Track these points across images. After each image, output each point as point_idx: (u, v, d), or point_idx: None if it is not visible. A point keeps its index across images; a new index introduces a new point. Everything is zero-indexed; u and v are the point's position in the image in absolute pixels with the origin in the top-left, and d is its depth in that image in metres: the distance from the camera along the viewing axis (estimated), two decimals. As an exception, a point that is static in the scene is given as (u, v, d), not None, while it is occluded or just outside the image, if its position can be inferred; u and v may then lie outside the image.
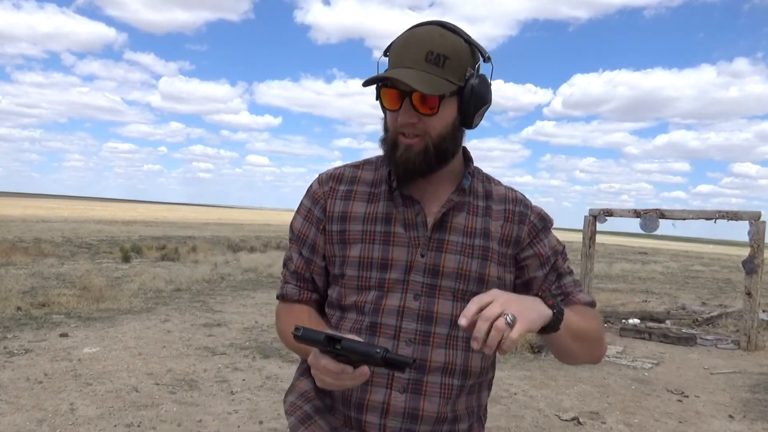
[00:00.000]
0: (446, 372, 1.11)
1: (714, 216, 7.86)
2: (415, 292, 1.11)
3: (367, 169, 1.22)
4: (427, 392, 1.10)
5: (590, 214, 8.95)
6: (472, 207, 1.17)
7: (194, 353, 5.67)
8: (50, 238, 18.25)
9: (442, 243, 1.13)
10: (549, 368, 5.91)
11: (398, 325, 1.10)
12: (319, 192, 1.20)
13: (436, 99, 1.06)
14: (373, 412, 1.09)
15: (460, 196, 1.16)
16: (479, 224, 1.16)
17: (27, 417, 3.80)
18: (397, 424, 1.09)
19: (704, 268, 25.12)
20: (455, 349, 1.12)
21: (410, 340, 1.10)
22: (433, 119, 1.08)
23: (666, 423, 4.48)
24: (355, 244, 1.14)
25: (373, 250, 1.13)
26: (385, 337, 1.10)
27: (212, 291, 9.78)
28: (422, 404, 1.09)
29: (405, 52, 1.07)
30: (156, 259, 14.02)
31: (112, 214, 51.01)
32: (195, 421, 3.94)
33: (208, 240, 22.05)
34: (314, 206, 1.20)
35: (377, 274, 1.12)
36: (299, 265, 1.21)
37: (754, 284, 7.52)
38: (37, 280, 9.54)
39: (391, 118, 1.11)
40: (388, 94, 1.08)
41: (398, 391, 1.09)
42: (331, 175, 1.21)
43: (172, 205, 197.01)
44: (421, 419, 1.09)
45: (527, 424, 4.28)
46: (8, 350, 5.35)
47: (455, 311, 1.11)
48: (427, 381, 1.10)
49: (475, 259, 1.14)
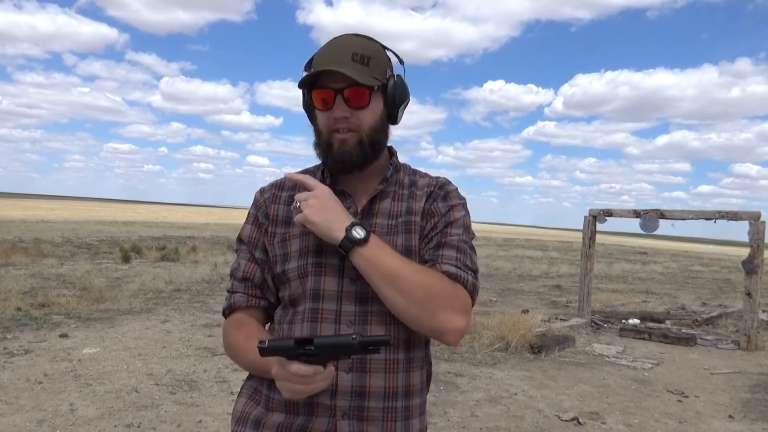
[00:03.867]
0: (389, 348, 1.15)
1: (714, 216, 7.87)
2: (350, 276, 1.15)
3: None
4: (372, 369, 1.13)
5: (590, 214, 8.95)
6: (396, 194, 1.25)
7: (194, 353, 5.67)
8: (50, 239, 18.26)
9: (369, 227, 1.18)
10: (549, 369, 5.91)
11: (338, 309, 1.15)
12: (261, 199, 1.28)
13: (366, 92, 1.15)
14: (323, 395, 1.11)
15: (384, 185, 1.24)
16: (404, 207, 1.23)
17: (27, 417, 3.80)
18: (345, 402, 1.12)
19: (704, 268, 25.12)
20: (395, 324, 1.15)
21: (350, 322, 1.14)
22: (365, 113, 1.16)
23: (666, 423, 4.48)
24: (294, 240, 1.20)
25: (309, 240, 1.18)
26: (326, 322, 1.14)
27: (212, 291, 9.79)
28: (368, 381, 1.13)
29: (331, 56, 1.15)
30: (156, 259, 14.02)
31: (112, 214, 51.01)
32: (195, 421, 3.94)
33: (208, 240, 22.05)
34: (258, 212, 1.27)
35: (313, 259, 1.17)
36: (248, 270, 1.25)
37: (754, 284, 7.52)
38: (37, 281, 9.55)
39: (323, 119, 1.18)
40: (319, 95, 1.16)
41: (344, 371, 1.12)
42: (273, 184, 1.30)
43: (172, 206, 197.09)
44: (369, 395, 1.13)
45: (527, 424, 4.28)
46: (8, 351, 5.35)
47: None
48: (371, 358, 1.13)
49: (400, 235, 1.20)
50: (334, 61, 1.14)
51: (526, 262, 21.33)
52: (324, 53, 1.17)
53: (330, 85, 1.14)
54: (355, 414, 1.12)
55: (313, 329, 1.14)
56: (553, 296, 11.90)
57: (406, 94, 1.22)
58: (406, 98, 1.23)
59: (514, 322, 6.87)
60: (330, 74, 1.13)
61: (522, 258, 23.46)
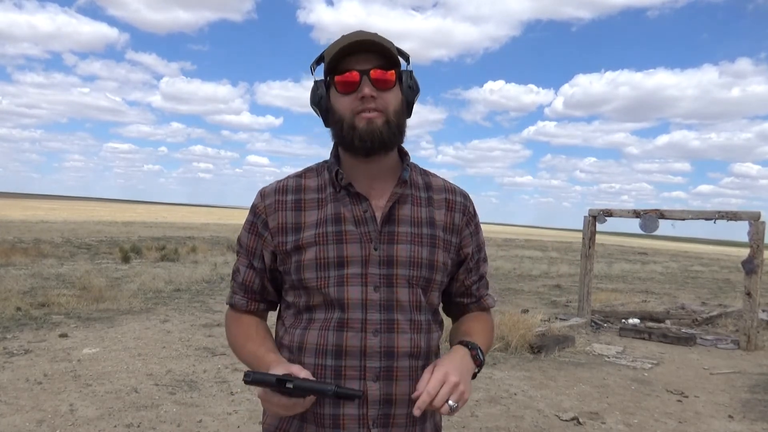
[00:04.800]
0: (413, 356, 1.18)
1: (713, 216, 7.86)
2: (374, 284, 1.16)
3: (310, 176, 1.26)
4: (398, 377, 1.16)
5: (590, 214, 8.95)
6: (415, 198, 1.24)
7: (194, 354, 5.67)
8: (50, 239, 18.25)
9: (392, 235, 1.19)
10: (549, 368, 5.91)
11: (364, 317, 1.15)
12: (261, 206, 1.25)
13: (392, 74, 1.16)
14: (350, 405, 1.13)
15: (402, 188, 1.22)
16: (424, 214, 1.23)
17: (26, 418, 3.80)
18: (375, 411, 1.14)
19: (704, 268, 25.12)
20: (418, 332, 1.19)
21: (377, 330, 1.15)
22: (390, 95, 1.17)
23: (666, 423, 4.48)
24: (309, 248, 1.18)
25: (327, 250, 1.17)
26: (353, 331, 1.15)
27: (212, 291, 9.78)
28: (394, 389, 1.15)
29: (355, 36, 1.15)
30: (156, 259, 14.02)
31: (111, 214, 51.00)
32: (195, 421, 3.94)
33: (207, 240, 22.04)
34: (256, 219, 1.25)
35: (335, 272, 1.16)
36: (247, 278, 1.27)
37: (754, 284, 7.52)
38: (36, 281, 9.54)
39: (345, 103, 1.16)
40: (344, 78, 1.15)
41: (372, 380, 1.14)
42: (275, 189, 1.25)
43: (171, 206, 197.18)
44: (395, 403, 1.15)
45: (527, 424, 4.28)
46: (8, 351, 5.35)
47: (412, 297, 1.19)
48: (397, 366, 1.16)
49: (425, 247, 1.21)
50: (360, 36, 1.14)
51: (526, 262, 21.33)
52: (345, 37, 1.16)
53: (355, 67, 1.14)
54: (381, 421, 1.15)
55: (339, 338, 1.15)
56: (552, 296, 11.90)
57: (418, 85, 1.23)
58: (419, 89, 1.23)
59: (514, 322, 6.87)
60: (352, 58, 1.14)
61: (522, 258, 23.46)
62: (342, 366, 1.14)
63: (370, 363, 1.14)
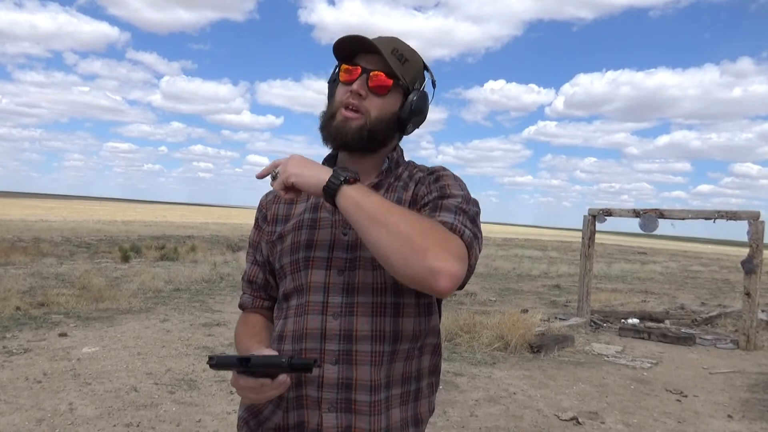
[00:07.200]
0: (375, 339, 1.15)
1: (713, 216, 7.87)
2: (338, 268, 1.17)
3: None
4: (357, 361, 1.14)
5: (590, 214, 8.95)
6: (391, 186, 1.25)
7: (193, 353, 5.67)
8: (49, 238, 18.25)
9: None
10: (548, 368, 5.92)
11: (325, 300, 1.16)
12: (264, 201, 1.33)
13: (389, 83, 1.18)
14: (311, 386, 1.14)
15: (379, 177, 1.24)
16: (394, 198, 1.22)
17: (26, 417, 3.80)
18: (332, 395, 1.14)
19: (703, 268, 25.12)
20: (382, 315, 1.16)
21: (336, 313, 1.15)
22: (378, 101, 1.18)
23: (665, 423, 4.48)
24: (288, 235, 1.23)
25: (301, 235, 1.21)
26: (313, 313, 1.15)
27: (211, 291, 9.78)
28: (354, 373, 1.14)
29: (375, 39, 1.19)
30: (155, 258, 14.02)
31: (111, 213, 50.98)
32: (194, 421, 3.94)
33: (207, 240, 22.03)
34: (259, 214, 1.33)
35: (303, 254, 1.19)
36: (251, 273, 1.33)
37: (753, 284, 7.53)
38: (36, 280, 9.54)
39: (340, 92, 1.20)
40: (348, 68, 1.19)
41: (330, 364, 1.14)
42: None
43: (171, 205, 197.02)
44: (356, 388, 1.14)
45: (526, 424, 4.28)
46: (7, 350, 5.35)
47: (375, 279, 1.16)
48: (357, 350, 1.14)
49: None
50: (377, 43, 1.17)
51: (526, 261, 21.33)
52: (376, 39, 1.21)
53: (362, 64, 1.18)
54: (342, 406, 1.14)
55: (300, 323, 1.17)
56: (552, 296, 11.90)
57: (424, 109, 1.24)
58: (423, 113, 1.24)
59: (514, 321, 6.87)
60: (366, 56, 1.18)
61: (521, 258, 23.46)
62: (303, 349, 1.15)
63: (329, 346, 1.14)
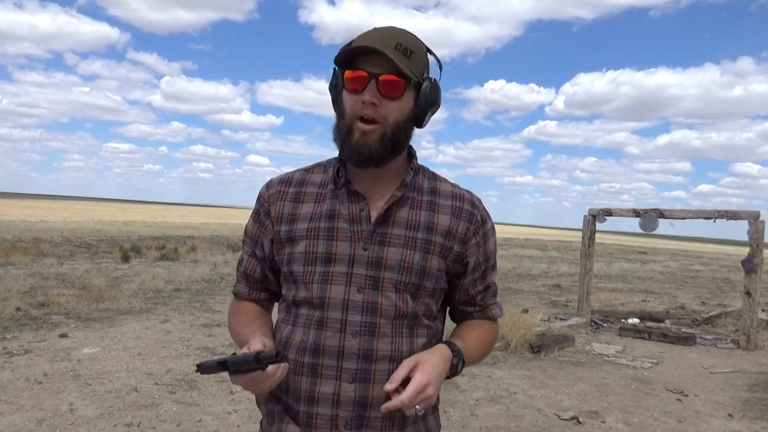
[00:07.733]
0: (393, 360, 1.15)
1: (713, 215, 7.87)
2: (358, 285, 1.15)
3: (317, 171, 1.27)
4: (375, 380, 1.13)
5: (590, 213, 8.95)
6: (416, 201, 1.21)
7: (194, 353, 5.67)
8: (50, 238, 18.25)
9: (385, 236, 1.17)
10: (548, 368, 5.92)
11: (343, 318, 1.14)
12: (265, 195, 1.27)
13: (401, 84, 1.12)
14: (324, 404, 1.14)
15: (402, 190, 1.19)
16: (423, 218, 1.20)
17: (26, 417, 3.80)
18: (348, 413, 1.13)
19: (703, 267, 25.12)
20: (400, 336, 1.16)
21: (356, 332, 1.14)
22: (393, 105, 1.13)
23: (665, 422, 4.48)
24: (300, 241, 1.18)
25: (317, 245, 1.17)
26: (331, 330, 1.14)
27: (212, 291, 9.78)
28: (371, 392, 1.13)
29: (376, 38, 1.12)
30: (155, 259, 14.02)
31: (111, 214, 50.99)
32: (195, 421, 3.94)
33: (207, 240, 22.02)
34: (260, 208, 1.27)
35: (321, 268, 1.16)
36: (249, 266, 1.29)
37: (754, 284, 7.53)
38: (36, 280, 9.55)
39: (350, 101, 1.14)
40: (353, 76, 1.13)
41: (347, 382, 1.13)
42: (281, 180, 1.27)
43: (171, 205, 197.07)
44: (371, 406, 1.13)
45: (527, 423, 4.28)
46: (8, 350, 5.35)
47: (399, 302, 1.15)
48: (375, 369, 1.14)
49: (417, 252, 1.17)
50: (378, 43, 1.11)
51: (526, 261, 21.33)
52: (368, 35, 1.14)
53: (366, 68, 1.12)
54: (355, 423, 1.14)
55: (315, 337, 1.15)
56: (552, 296, 11.90)
57: (437, 99, 1.19)
58: (437, 103, 1.19)
59: (514, 321, 6.87)
60: (368, 58, 1.12)
61: (521, 257, 23.47)
62: (319, 364, 1.14)
63: (346, 364, 1.13)
